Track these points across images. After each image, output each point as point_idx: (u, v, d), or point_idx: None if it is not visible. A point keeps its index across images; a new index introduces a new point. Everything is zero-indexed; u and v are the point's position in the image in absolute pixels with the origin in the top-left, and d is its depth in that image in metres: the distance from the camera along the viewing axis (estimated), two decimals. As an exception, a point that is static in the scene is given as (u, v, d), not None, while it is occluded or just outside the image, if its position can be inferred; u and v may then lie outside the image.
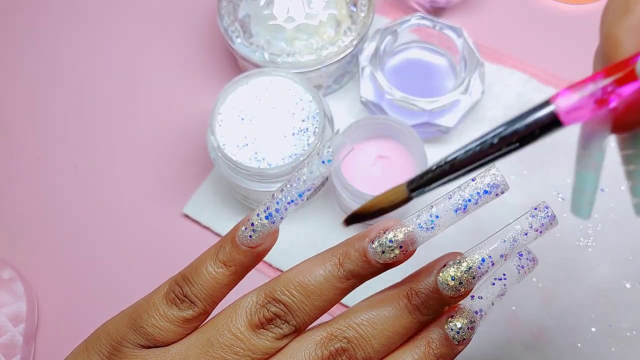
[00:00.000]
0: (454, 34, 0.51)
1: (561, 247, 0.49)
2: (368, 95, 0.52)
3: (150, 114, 0.57)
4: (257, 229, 0.28)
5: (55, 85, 0.59)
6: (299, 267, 0.28)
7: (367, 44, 0.52)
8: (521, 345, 0.47)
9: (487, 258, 0.26)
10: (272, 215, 0.28)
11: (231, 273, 0.28)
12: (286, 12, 0.51)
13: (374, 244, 0.27)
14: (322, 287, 0.27)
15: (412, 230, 0.27)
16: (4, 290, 0.48)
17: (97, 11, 0.62)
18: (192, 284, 0.28)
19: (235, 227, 0.29)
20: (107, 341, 0.29)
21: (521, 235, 0.27)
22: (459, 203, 0.26)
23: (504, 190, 0.26)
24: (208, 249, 0.29)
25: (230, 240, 0.28)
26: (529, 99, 0.54)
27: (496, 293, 0.28)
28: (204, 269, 0.28)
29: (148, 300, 0.29)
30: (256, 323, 0.27)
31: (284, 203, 0.28)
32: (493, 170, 0.26)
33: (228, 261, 0.28)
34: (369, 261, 0.27)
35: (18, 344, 0.47)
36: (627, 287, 0.48)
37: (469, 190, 0.26)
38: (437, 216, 0.27)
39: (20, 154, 0.56)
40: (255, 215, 0.28)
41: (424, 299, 0.27)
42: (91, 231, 0.53)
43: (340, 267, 0.27)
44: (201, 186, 0.53)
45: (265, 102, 0.47)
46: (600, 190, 0.51)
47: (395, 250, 0.27)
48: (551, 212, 0.27)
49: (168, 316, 0.28)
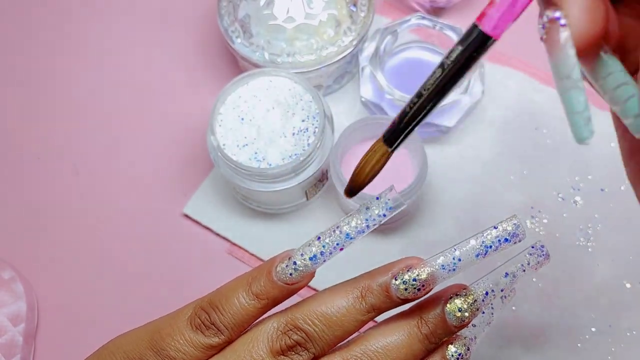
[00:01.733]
0: (454, 34, 0.51)
1: (561, 247, 0.49)
2: (368, 95, 0.52)
3: (150, 114, 0.57)
4: (298, 269, 0.29)
5: (55, 85, 0.59)
6: (321, 296, 0.29)
7: (367, 44, 0.52)
8: (521, 345, 0.47)
9: (490, 292, 0.29)
10: (316, 257, 0.29)
11: (262, 306, 0.29)
12: (286, 12, 0.51)
13: (397, 281, 0.28)
14: (343, 318, 0.28)
15: (435, 270, 0.28)
16: (4, 290, 0.48)
17: (97, 11, 0.62)
18: (220, 312, 0.28)
19: (272, 260, 0.29)
20: (123, 359, 0.29)
21: (520, 271, 0.29)
22: (480, 249, 0.28)
23: (522, 239, 0.28)
24: (240, 278, 0.29)
25: (267, 275, 0.29)
26: (529, 99, 0.54)
27: (486, 321, 0.31)
28: (235, 299, 0.28)
29: (171, 322, 0.29)
30: (277, 350, 0.28)
31: (330, 247, 0.29)
32: (514, 220, 0.28)
33: (262, 295, 0.29)
34: (391, 297, 0.28)
35: (18, 344, 0.47)
36: (627, 287, 0.48)
37: (490, 238, 0.28)
38: (459, 259, 0.28)
39: (20, 154, 0.56)
40: (299, 254, 0.29)
41: (433, 329, 0.29)
42: (91, 231, 0.53)
43: (362, 301, 0.28)
44: (201, 186, 0.53)
45: (265, 102, 0.47)
46: (600, 190, 0.51)
47: (417, 288, 0.28)
48: (546, 251, 0.29)
49: (193, 342, 0.28)
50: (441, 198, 0.52)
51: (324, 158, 0.47)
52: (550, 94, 0.54)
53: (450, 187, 0.52)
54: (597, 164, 0.52)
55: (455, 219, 0.51)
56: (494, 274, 0.29)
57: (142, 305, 0.50)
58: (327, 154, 0.48)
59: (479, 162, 0.53)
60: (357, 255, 0.50)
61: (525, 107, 0.54)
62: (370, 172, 0.30)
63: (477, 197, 0.51)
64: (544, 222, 0.50)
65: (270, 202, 0.50)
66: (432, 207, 0.51)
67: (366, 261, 0.47)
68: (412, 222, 0.51)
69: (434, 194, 0.52)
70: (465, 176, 0.52)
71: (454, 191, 0.52)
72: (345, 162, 0.50)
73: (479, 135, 0.53)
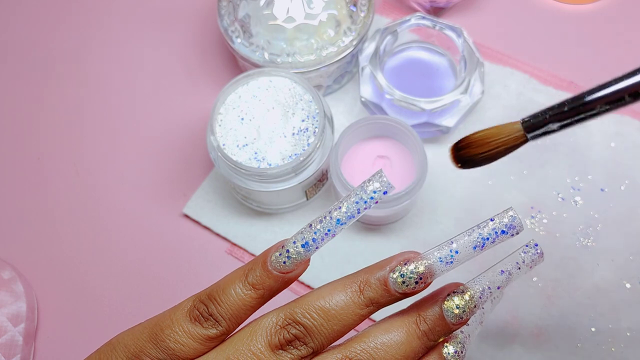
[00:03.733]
0: (454, 34, 0.51)
1: (561, 247, 0.49)
2: (368, 95, 0.52)
3: (150, 114, 0.57)
4: (291, 256, 0.29)
5: (55, 85, 0.59)
6: (320, 291, 0.29)
7: (367, 44, 0.52)
8: (521, 345, 0.47)
9: (486, 289, 0.29)
10: (308, 244, 0.29)
11: (259, 296, 0.29)
12: (286, 12, 0.51)
13: (395, 275, 0.28)
14: (342, 312, 0.28)
15: (433, 263, 0.28)
16: (4, 290, 0.48)
17: (97, 11, 0.62)
18: (218, 303, 0.29)
19: (267, 251, 0.29)
20: (124, 352, 0.29)
21: (515, 269, 0.29)
22: (477, 241, 0.28)
23: (519, 231, 0.28)
24: (237, 270, 0.30)
25: (262, 264, 0.29)
26: (529, 99, 0.54)
27: (478, 320, 0.32)
28: (232, 290, 0.29)
29: (170, 315, 0.29)
30: (276, 344, 0.28)
31: (322, 233, 0.29)
32: (511, 212, 0.28)
33: (257, 284, 0.29)
34: (389, 290, 0.28)
35: (18, 344, 0.47)
36: (627, 287, 0.48)
37: (487, 230, 0.28)
38: (457, 252, 0.28)
39: (21, 154, 0.56)
40: (291, 242, 0.29)
41: (431, 326, 0.29)
42: (91, 231, 0.53)
43: (360, 294, 0.29)
44: (201, 186, 0.53)
45: (265, 102, 0.47)
46: (600, 190, 0.51)
47: (415, 281, 0.28)
48: (540, 249, 0.29)
49: (191, 333, 0.28)
50: (441, 198, 0.52)
51: (324, 158, 0.47)
52: (550, 94, 0.54)
53: (450, 187, 0.52)
54: (597, 164, 0.52)
55: (455, 219, 0.51)
56: (490, 272, 0.29)
57: (142, 305, 0.50)
58: (327, 154, 0.48)
59: (479, 162, 0.53)
60: (357, 255, 0.50)
61: (525, 107, 0.54)
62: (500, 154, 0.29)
63: (477, 197, 0.51)
64: (544, 222, 0.50)
65: (270, 202, 0.50)
66: (432, 207, 0.51)
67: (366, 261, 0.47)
68: (412, 222, 0.51)
69: (434, 194, 0.52)
70: (465, 176, 0.52)
71: (454, 191, 0.52)
72: (345, 162, 0.50)
73: (479, 135, 0.53)
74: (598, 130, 0.53)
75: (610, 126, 0.53)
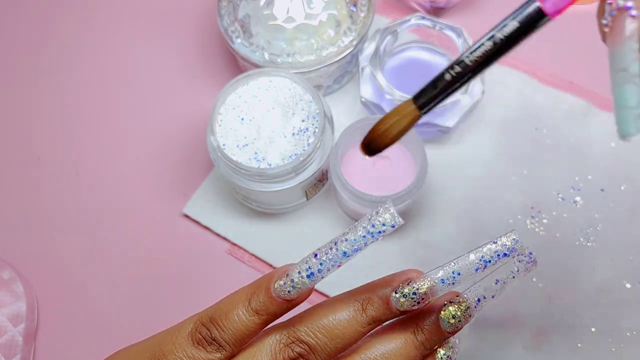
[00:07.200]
0: (454, 34, 0.51)
1: (561, 247, 0.49)
2: (368, 95, 0.52)
3: (150, 114, 0.57)
4: (296, 286, 0.29)
5: (54, 85, 0.59)
6: (322, 308, 0.30)
7: (367, 44, 0.52)
8: (521, 345, 0.47)
9: (482, 298, 0.30)
10: (313, 274, 0.29)
11: (262, 322, 0.29)
12: (286, 12, 0.51)
13: (397, 294, 0.29)
14: (345, 330, 0.29)
15: (435, 285, 0.29)
16: (4, 290, 0.48)
17: (97, 11, 0.62)
18: (221, 328, 0.29)
19: (269, 276, 0.29)
20: None
21: (510, 278, 0.30)
22: (479, 263, 0.29)
23: (521, 254, 0.29)
24: (239, 292, 0.30)
25: (265, 291, 0.29)
26: (529, 99, 0.54)
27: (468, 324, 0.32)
28: (235, 315, 0.29)
29: (172, 338, 0.29)
30: None
31: (327, 265, 0.29)
32: (513, 235, 0.29)
33: (261, 311, 0.29)
34: (391, 309, 0.29)
35: (18, 344, 0.47)
36: (627, 287, 0.48)
37: (489, 252, 0.29)
38: (459, 273, 0.29)
39: (20, 154, 0.56)
40: (296, 272, 0.29)
41: (428, 336, 0.30)
42: (91, 231, 0.53)
43: (363, 313, 0.29)
44: (201, 186, 0.53)
45: (265, 102, 0.47)
46: (600, 190, 0.51)
47: (416, 301, 0.29)
48: (534, 258, 0.30)
49: (195, 357, 0.29)
50: (441, 198, 0.52)
51: (324, 158, 0.47)
52: (550, 94, 0.54)
53: (450, 187, 0.52)
54: (597, 164, 0.52)
55: (455, 219, 0.51)
56: (485, 281, 0.30)
57: (142, 305, 0.50)
58: (327, 154, 0.48)
59: (479, 162, 0.53)
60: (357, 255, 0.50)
61: (525, 107, 0.54)
62: (397, 135, 0.30)
63: (477, 197, 0.51)
64: (544, 222, 0.50)
65: (270, 202, 0.50)
66: (432, 207, 0.51)
67: (366, 261, 0.47)
68: (412, 222, 0.51)
69: (434, 194, 0.52)
70: (465, 176, 0.52)
71: (454, 191, 0.52)
72: (345, 162, 0.50)
73: (479, 135, 0.53)
74: (598, 130, 0.53)
75: (610, 126, 0.53)
